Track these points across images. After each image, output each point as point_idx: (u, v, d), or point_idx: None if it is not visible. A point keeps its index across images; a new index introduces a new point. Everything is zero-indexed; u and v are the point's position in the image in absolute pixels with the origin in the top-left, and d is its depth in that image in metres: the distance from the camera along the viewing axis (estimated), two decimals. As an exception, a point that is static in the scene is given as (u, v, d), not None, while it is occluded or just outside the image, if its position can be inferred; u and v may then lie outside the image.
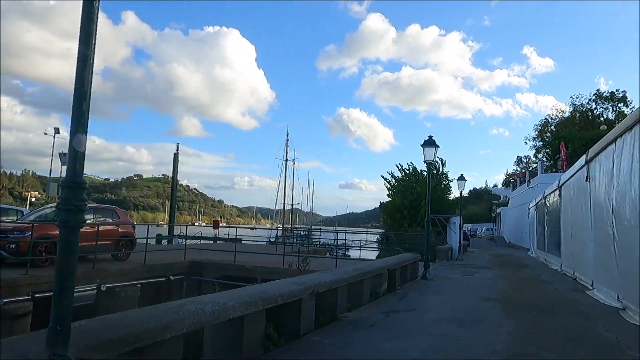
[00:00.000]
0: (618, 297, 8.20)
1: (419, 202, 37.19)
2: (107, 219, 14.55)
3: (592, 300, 9.30)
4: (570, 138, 44.93)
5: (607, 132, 16.22)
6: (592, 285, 10.60)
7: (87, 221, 13.53)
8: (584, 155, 11.06)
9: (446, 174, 40.67)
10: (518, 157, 79.69)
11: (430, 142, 12.50)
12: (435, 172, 40.26)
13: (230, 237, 34.13)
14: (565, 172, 21.29)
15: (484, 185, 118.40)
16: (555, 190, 17.28)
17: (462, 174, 21.06)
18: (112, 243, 14.53)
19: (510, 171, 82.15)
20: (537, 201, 25.01)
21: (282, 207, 73.16)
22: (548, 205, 19.77)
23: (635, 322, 7.00)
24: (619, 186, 7.80)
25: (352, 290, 7.91)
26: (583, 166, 11.30)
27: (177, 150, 32.45)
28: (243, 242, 31.06)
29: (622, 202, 7.52)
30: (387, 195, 41.41)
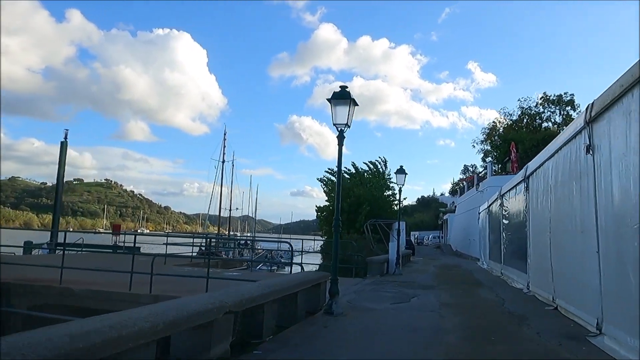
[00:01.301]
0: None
1: (358, 205, 32.85)
2: None
3: (618, 367, 4.91)
4: (520, 140, 42.40)
5: (557, 133, 12.71)
6: (599, 329, 6.27)
7: None
8: (584, 113, 6.76)
9: (389, 177, 36.49)
10: (465, 165, 78.71)
11: (342, 96, 7.87)
12: (375, 170, 36.22)
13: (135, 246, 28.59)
14: (516, 174, 17.39)
15: (431, 194, 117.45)
16: (518, 184, 13.19)
17: (401, 166, 16.80)
18: None
19: (456, 180, 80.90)
20: (489, 203, 21.16)
21: (219, 213, 66.68)
22: (506, 206, 15.75)
23: None
24: None
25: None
26: (580, 131, 7.02)
27: (66, 138, 26.34)
28: (142, 252, 25.60)
29: None
30: (326, 200, 36.90)
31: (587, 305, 6.79)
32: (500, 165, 44.82)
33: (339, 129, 7.91)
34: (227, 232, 66.18)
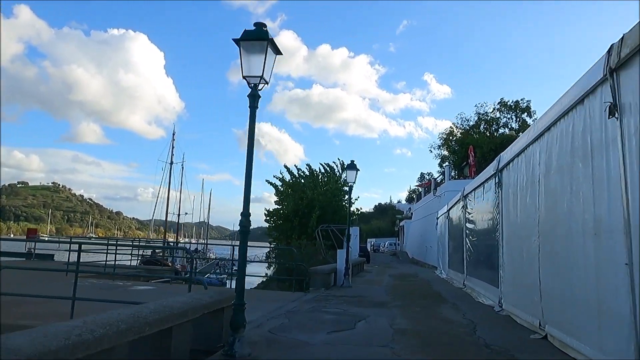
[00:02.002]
0: None
1: (311, 208, 30.43)
2: None
3: None
4: (478, 145, 41.42)
5: (518, 135, 11.38)
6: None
7: None
8: (604, 59, 4.60)
9: (346, 181, 34.10)
10: (421, 173, 78.22)
11: (257, 36, 5.41)
12: (331, 173, 33.93)
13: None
14: (474, 178, 15.42)
15: (388, 201, 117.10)
16: (487, 180, 11.16)
17: (352, 161, 14.46)
18: None
19: (413, 187, 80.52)
20: (449, 207, 19.26)
21: (166, 218, 62.21)
22: (471, 208, 13.77)
23: None
24: None
25: None
26: (594, 89, 4.89)
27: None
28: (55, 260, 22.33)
29: None
30: (275, 202, 34.19)
31: (608, 344, 4.60)
32: (457, 172, 43.69)
33: (252, 84, 5.45)
34: (175, 239, 62.12)
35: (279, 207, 33.49)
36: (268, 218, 33.46)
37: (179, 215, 61.82)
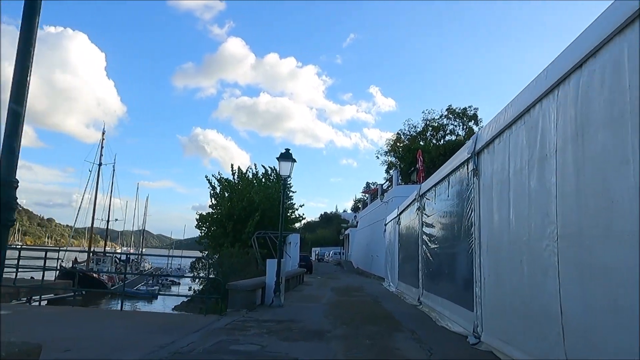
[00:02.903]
0: None
1: (250, 212, 27.21)
2: None
3: None
4: (426, 150, 40.06)
5: (465, 141, 9.53)
6: None
7: None
8: None
9: (290, 186, 31.14)
10: (367, 183, 77.08)
11: None
12: (275, 177, 30.97)
13: None
14: (423, 183, 13.16)
15: (334, 210, 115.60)
16: (453, 172, 8.78)
17: (287, 149, 11.65)
18: None
19: (359, 197, 79.32)
20: (400, 210, 16.97)
21: (92, 224, 56.67)
22: (429, 209, 11.41)
23: None
24: None
25: None
26: None
27: None
28: None
29: None
30: (210, 206, 30.66)
31: None
32: (403, 180, 42.12)
33: None
34: (104, 247, 57.00)
35: (212, 211, 30.09)
36: (200, 224, 29.93)
37: (108, 221, 56.46)
